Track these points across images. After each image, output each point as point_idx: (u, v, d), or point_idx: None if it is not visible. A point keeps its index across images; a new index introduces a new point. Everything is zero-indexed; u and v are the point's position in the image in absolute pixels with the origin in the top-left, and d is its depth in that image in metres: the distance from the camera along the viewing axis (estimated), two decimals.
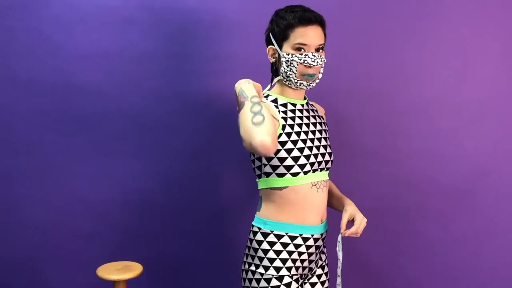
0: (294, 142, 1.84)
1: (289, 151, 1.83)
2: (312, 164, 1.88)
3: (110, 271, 2.28)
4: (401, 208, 2.67)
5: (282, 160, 1.83)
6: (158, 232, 2.68)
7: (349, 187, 2.65)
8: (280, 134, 1.83)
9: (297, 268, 1.91)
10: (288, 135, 1.84)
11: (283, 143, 1.82)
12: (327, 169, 1.96)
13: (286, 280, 1.86)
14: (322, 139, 1.94)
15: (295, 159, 1.84)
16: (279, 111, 1.85)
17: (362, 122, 2.62)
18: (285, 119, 1.84)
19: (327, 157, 1.94)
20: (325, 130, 1.99)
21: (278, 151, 1.83)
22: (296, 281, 1.91)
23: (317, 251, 1.95)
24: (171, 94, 2.60)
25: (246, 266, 1.92)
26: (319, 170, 1.91)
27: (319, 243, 1.95)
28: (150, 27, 2.56)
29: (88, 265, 2.68)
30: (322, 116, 2.04)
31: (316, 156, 1.89)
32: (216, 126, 2.62)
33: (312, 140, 1.89)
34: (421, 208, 2.67)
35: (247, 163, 2.64)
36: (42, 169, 2.63)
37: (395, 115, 2.62)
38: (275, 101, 1.88)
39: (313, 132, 1.91)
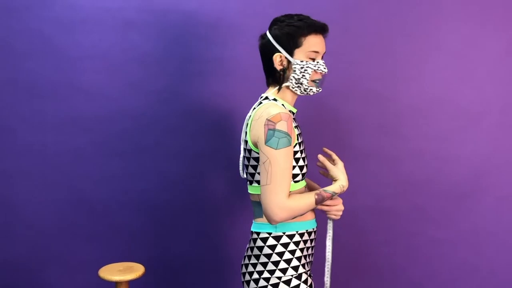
0: (301, 152, 1.91)
1: (297, 160, 1.90)
2: (306, 172, 1.97)
3: (112, 272, 2.28)
4: (401, 208, 2.68)
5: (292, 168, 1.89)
6: (160, 233, 2.69)
7: (349, 187, 2.66)
8: (295, 144, 1.88)
9: (308, 263, 1.97)
10: (300, 144, 1.91)
11: (295, 153, 1.88)
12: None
13: (304, 277, 1.90)
14: (305, 148, 2.01)
15: (301, 168, 1.91)
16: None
17: (362, 123, 2.63)
18: (296, 127, 1.89)
19: (308, 165, 2.01)
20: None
21: None
22: (310, 276, 1.96)
23: (314, 244, 2.02)
24: (172, 95, 2.61)
25: (256, 275, 1.90)
26: (304, 177, 2.01)
27: (314, 236, 2.02)
28: (151, 28, 2.57)
29: (90, 266, 2.69)
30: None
31: (307, 165, 1.99)
32: (216, 127, 2.63)
33: (304, 150, 1.97)
34: (421, 208, 2.68)
35: None
36: (44, 169, 2.63)
37: (395, 116, 2.63)
38: (283, 106, 1.91)
39: (303, 142, 1.98)
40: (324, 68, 1.89)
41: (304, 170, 1.92)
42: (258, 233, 1.92)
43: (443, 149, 2.64)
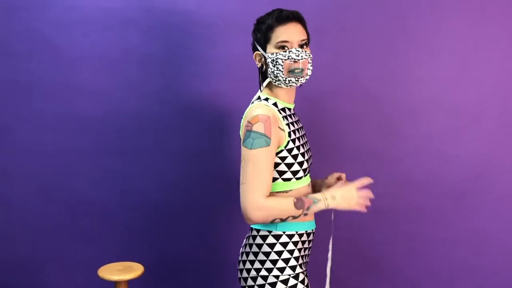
0: (298, 148, 1.91)
1: (295, 157, 1.90)
2: (308, 168, 1.97)
3: (112, 272, 2.29)
4: (401, 208, 2.68)
5: (289, 165, 1.90)
6: (159, 232, 2.69)
7: None
8: (288, 142, 1.88)
9: (304, 264, 1.98)
10: (293, 141, 1.91)
11: (290, 150, 1.89)
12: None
13: (301, 277, 1.91)
14: (307, 143, 2.04)
15: (301, 164, 1.91)
16: (283, 116, 1.89)
17: (362, 122, 2.63)
18: (288, 125, 1.89)
19: (311, 160, 2.03)
20: (305, 134, 2.07)
21: (285, 157, 1.88)
22: (306, 276, 1.97)
23: (311, 245, 2.02)
24: (171, 95, 2.61)
25: (254, 272, 1.91)
26: (308, 172, 2.01)
27: (312, 237, 2.03)
28: (150, 28, 2.57)
29: (89, 266, 2.69)
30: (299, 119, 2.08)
31: (308, 160, 1.97)
32: (216, 127, 2.63)
33: (304, 145, 1.97)
34: (421, 208, 2.67)
35: None
36: (43, 170, 2.64)
37: (395, 115, 2.63)
38: (275, 104, 1.91)
39: (303, 137, 1.98)
40: (297, 56, 1.85)
41: (305, 165, 1.92)
42: (258, 230, 1.93)
43: (443, 149, 2.64)
